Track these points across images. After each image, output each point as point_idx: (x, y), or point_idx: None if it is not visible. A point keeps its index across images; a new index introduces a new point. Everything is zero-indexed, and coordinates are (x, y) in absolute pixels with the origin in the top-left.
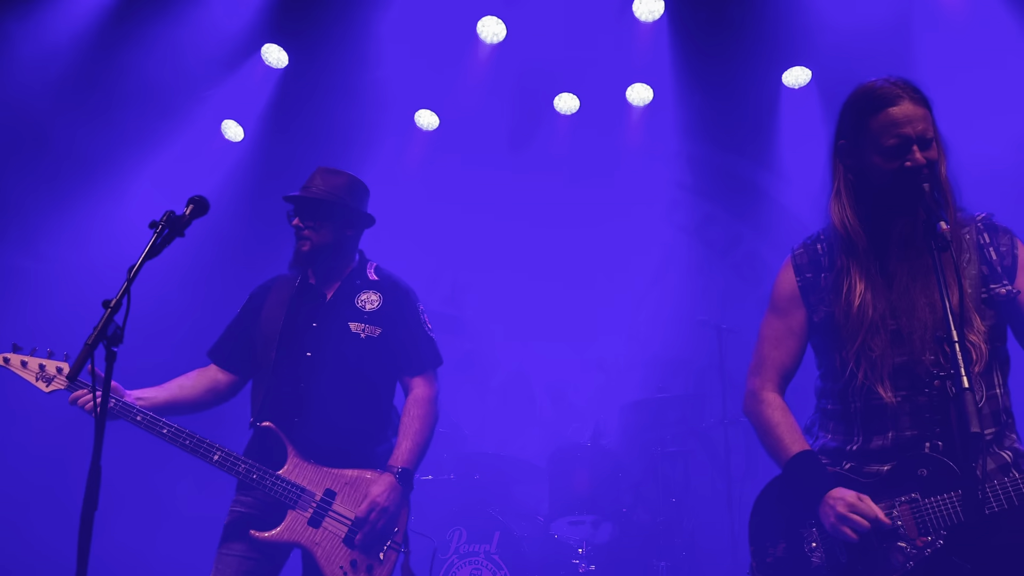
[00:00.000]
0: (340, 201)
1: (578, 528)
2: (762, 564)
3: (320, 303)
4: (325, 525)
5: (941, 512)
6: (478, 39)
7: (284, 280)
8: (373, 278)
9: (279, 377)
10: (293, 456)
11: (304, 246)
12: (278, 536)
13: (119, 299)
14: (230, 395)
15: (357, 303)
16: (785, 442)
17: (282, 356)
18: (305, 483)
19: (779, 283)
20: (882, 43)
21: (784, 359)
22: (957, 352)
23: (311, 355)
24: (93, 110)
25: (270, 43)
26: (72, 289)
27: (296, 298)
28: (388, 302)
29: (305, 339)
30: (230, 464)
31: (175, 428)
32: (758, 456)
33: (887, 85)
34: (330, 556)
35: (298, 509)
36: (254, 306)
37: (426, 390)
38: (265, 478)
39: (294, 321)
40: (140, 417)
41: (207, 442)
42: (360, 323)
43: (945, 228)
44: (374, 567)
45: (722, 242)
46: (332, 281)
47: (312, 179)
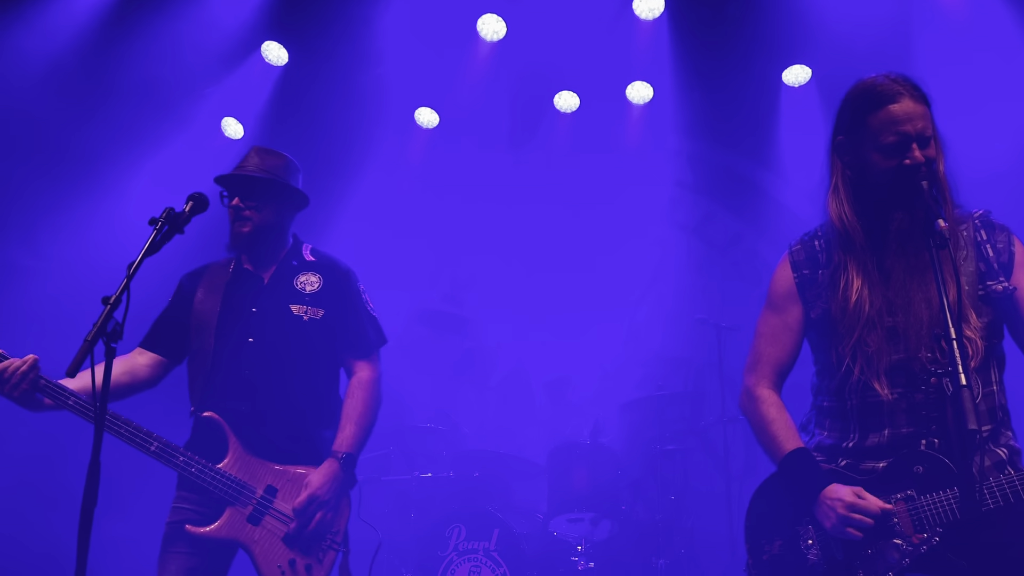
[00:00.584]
0: (281, 180)
1: (577, 526)
2: (758, 562)
3: (258, 287)
4: (264, 523)
5: (937, 509)
6: (478, 37)
7: (216, 266)
8: (310, 259)
9: (220, 364)
10: (235, 449)
11: (244, 227)
12: (215, 533)
13: (119, 295)
14: (154, 379)
15: (296, 285)
16: (780, 439)
17: (222, 343)
18: (246, 478)
19: (776, 280)
20: (882, 41)
21: (780, 356)
22: (955, 349)
23: (253, 340)
24: (93, 107)
25: (270, 40)
26: (72, 286)
27: (232, 283)
28: (328, 283)
29: (245, 324)
30: (168, 455)
31: (111, 415)
32: (757, 454)
33: (887, 82)
34: (268, 555)
35: (237, 505)
36: (185, 293)
37: (369, 372)
38: (204, 472)
39: (231, 306)
40: (72, 400)
41: (144, 431)
42: (302, 305)
43: (943, 226)
44: (312, 567)
45: (722, 240)
46: (268, 264)
47: (247, 159)
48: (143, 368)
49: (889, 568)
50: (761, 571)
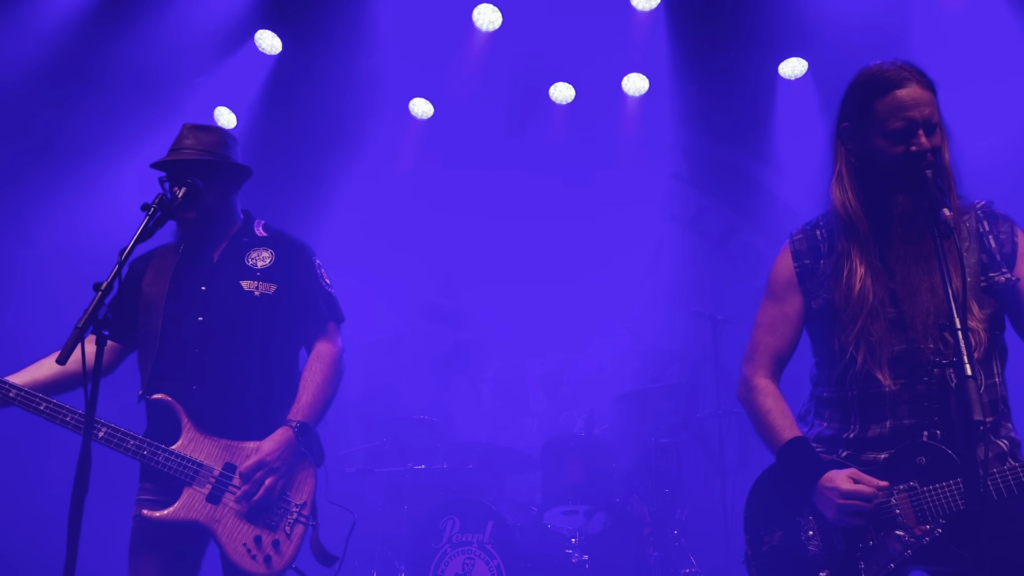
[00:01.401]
0: (220, 158)
1: (571, 518)
2: (757, 553)
3: (207, 265)
4: (225, 501)
5: (940, 500)
6: (473, 27)
7: (165, 248)
8: (262, 234)
9: (168, 345)
10: (189, 429)
11: (189, 213)
12: (173, 515)
13: (110, 282)
14: (108, 365)
15: (248, 261)
16: (777, 429)
17: (170, 323)
18: (202, 457)
19: (776, 269)
20: (879, 34)
21: (779, 345)
22: (960, 340)
23: (203, 319)
24: (85, 95)
25: (264, 29)
26: (64, 275)
27: (181, 264)
28: (281, 258)
29: (194, 303)
30: (117, 440)
31: (54, 404)
32: (751, 447)
33: (894, 68)
34: (232, 533)
35: (195, 486)
36: (134, 276)
37: (327, 346)
38: (157, 454)
39: (180, 286)
40: (13, 393)
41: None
42: (253, 281)
43: (948, 215)
44: (280, 542)
45: (717, 233)
46: (218, 242)
47: (181, 139)
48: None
49: (891, 559)
50: (760, 563)
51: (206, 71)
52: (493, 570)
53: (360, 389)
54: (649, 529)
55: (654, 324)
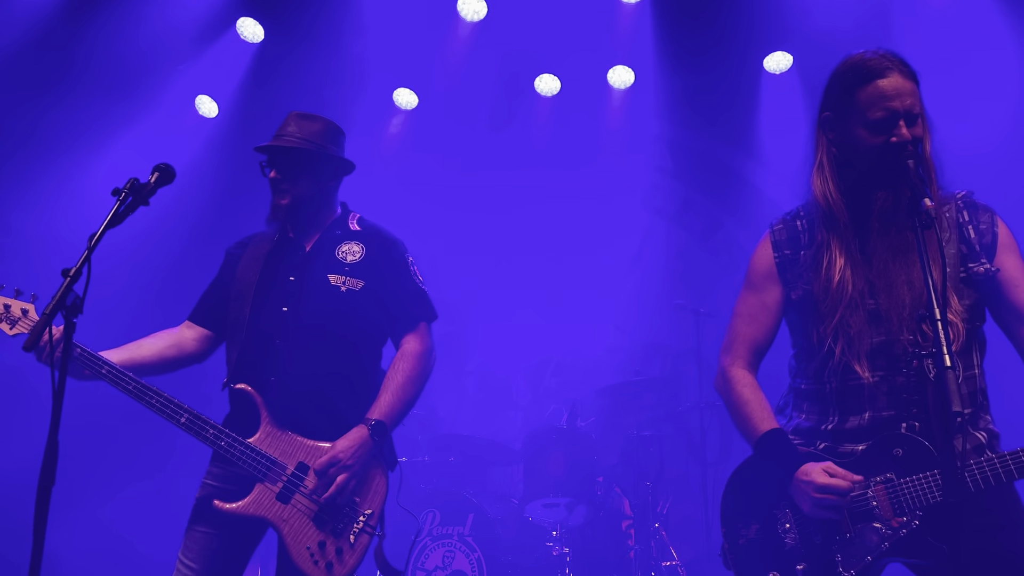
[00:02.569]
0: (319, 149)
1: (552, 511)
2: (734, 546)
3: (299, 255)
4: (295, 501)
5: (917, 492)
6: (458, 17)
7: (262, 236)
8: (355, 228)
9: (253, 334)
10: (267, 424)
11: (283, 199)
12: (243, 509)
13: (79, 268)
14: (202, 352)
15: (338, 254)
16: (755, 420)
17: (257, 313)
18: (277, 454)
19: (756, 259)
20: (863, 28)
21: (757, 336)
22: (940, 330)
23: (287, 310)
24: (66, 84)
25: (245, 17)
26: (43, 263)
27: (273, 252)
28: (371, 253)
29: (282, 293)
30: (198, 428)
31: (141, 384)
32: (733, 440)
33: (877, 57)
34: (297, 535)
35: (267, 482)
36: (230, 263)
37: (415, 345)
38: (234, 446)
39: (270, 275)
40: (106, 370)
41: (175, 402)
42: (340, 275)
43: (930, 205)
44: (344, 550)
45: (701, 227)
46: (312, 233)
47: (285, 126)
48: (190, 342)
49: (868, 552)
50: (737, 556)
51: (187, 59)
52: (473, 563)
53: None
54: (630, 522)
55: (637, 317)
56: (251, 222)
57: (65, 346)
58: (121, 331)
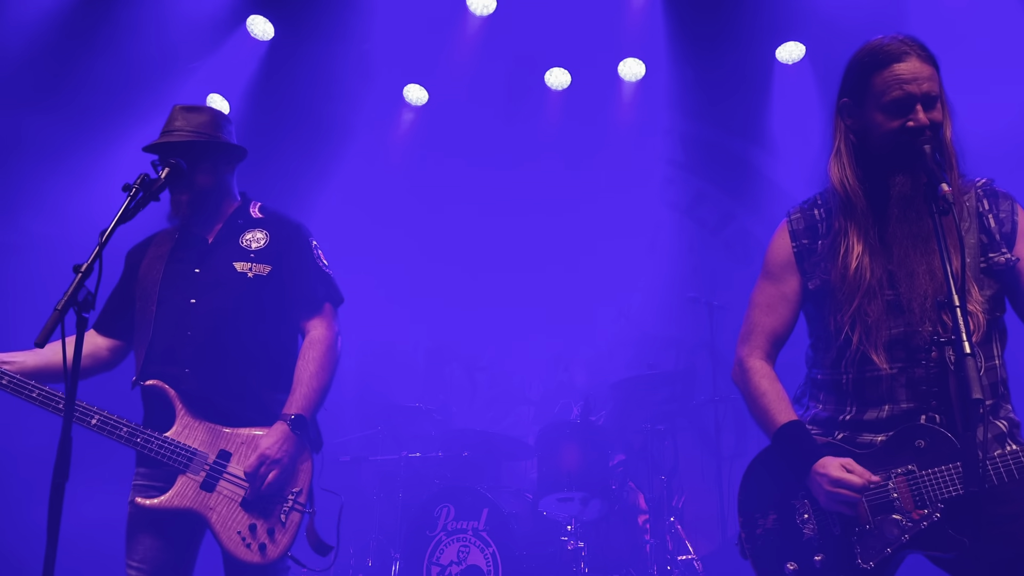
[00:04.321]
0: (211, 139)
1: (567, 505)
2: (751, 536)
3: (201, 247)
4: (220, 488)
5: (938, 484)
6: (468, 12)
7: (163, 234)
8: (257, 216)
9: (162, 330)
10: (183, 415)
11: (183, 195)
12: (167, 503)
13: (90, 264)
14: (114, 360)
15: (242, 243)
16: (772, 412)
17: (164, 308)
18: (196, 444)
19: (773, 248)
20: (876, 17)
21: (775, 326)
22: (959, 317)
23: (195, 302)
24: (76, 84)
25: (256, 15)
26: (56, 263)
27: (176, 247)
28: (276, 238)
29: (188, 286)
30: (110, 428)
31: (45, 392)
32: (748, 434)
33: (895, 42)
34: (226, 521)
35: (189, 473)
36: (131, 266)
37: (323, 330)
38: (151, 441)
39: (175, 270)
40: (6, 380)
41: (83, 404)
42: (246, 262)
43: (947, 190)
44: (275, 531)
45: (714, 220)
46: (213, 224)
47: (172, 121)
48: (103, 351)
49: (888, 544)
50: (755, 545)
51: (198, 58)
52: (488, 557)
53: (355, 377)
54: (645, 516)
55: (650, 311)
56: None
57: (77, 339)
58: None
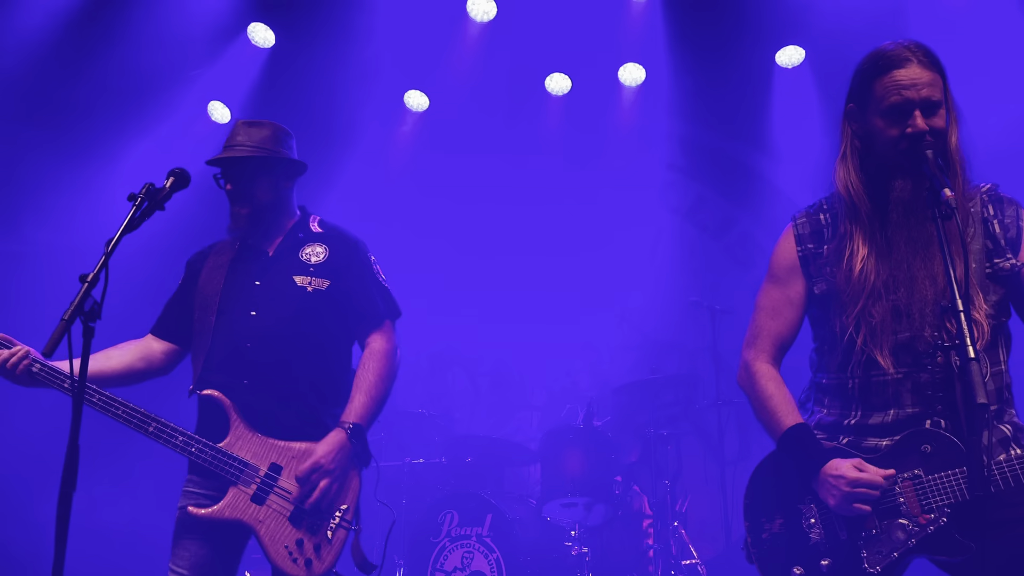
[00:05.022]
0: (272, 154)
1: (571, 510)
2: (757, 540)
3: (262, 260)
4: (269, 502)
5: (945, 489)
6: (468, 18)
7: (223, 244)
8: (317, 230)
9: (220, 340)
10: (237, 426)
11: (243, 209)
12: (217, 513)
13: (96, 273)
14: (169, 366)
15: (301, 256)
16: (779, 415)
17: (224, 318)
18: (249, 456)
19: (778, 252)
20: (876, 20)
21: (781, 330)
22: (963, 322)
23: (255, 314)
24: (78, 92)
25: (257, 22)
26: (59, 272)
27: (236, 259)
28: (335, 253)
29: (248, 298)
30: (167, 436)
31: (107, 396)
32: (751, 438)
33: (897, 48)
34: (274, 535)
35: (240, 485)
36: (191, 274)
37: (382, 343)
38: (204, 451)
39: (235, 281)
40: (68, 383)
41: (141, 412)
42: (306, 276)
43: (950, 195)
44: (321, 547)
45: (715, 224)
46: (273, 237)
47: (234, 136)
48: (158, 355)
49: (894, 548)
50: (761, 549)
51: (199, 65)
52: (492, 563)
53: None
54: (649, 521)
55: (652, 315)
56: None
57: (84, 349)
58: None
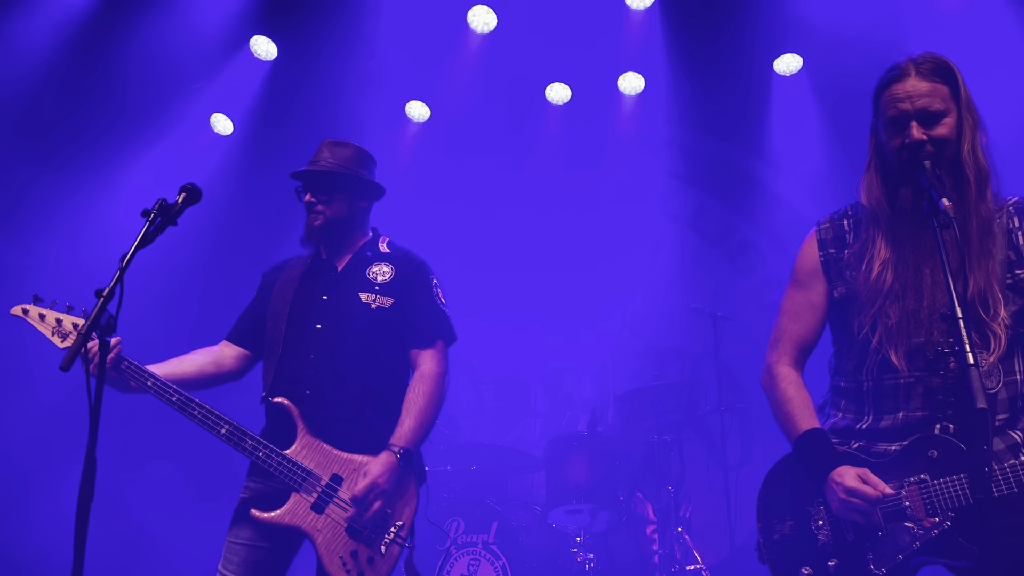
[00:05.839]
0: (351, 173)
1: (576, 517)
2: (769, 541)
3: (331, 275)
4: (328, 512)
5: (949, 493)
6: (469, 29)
7: (297, 259)
8: (385, 251)
9: (290, 351)
10: (303, 435)
11: (316, 220)
12: (279, 518)
13: (112, 288)
14: (240, 370)
15: (368, 275)
16: (795, 418)
17: (292, 330)
18: (312, 465)
19: (801, 256)
20: (873, 29)
21: (803, 333)
22: (961, 329)
23: (321, 327)
24: (82, 107)
25: (259, 35)
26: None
27: (307, 273)
28: (400, 273)
29: (316, 312)
30: (237, 439)
31: (185, 396)
32: (753, 443)
33: (903, 62)
34: (331, 544)
35: (302, 492)
36: (266, 285)
37: (433, 366)
38: (271, 457)
39: (304, 295)
40: (151, 382)
41: (216, 414)
42: (371, 294)
43: (947, 205)
44: (375, 560)
45: (715, 231)
46: (344, 254)
47: (319, 152)
48: (229, 360)
49: (899, 551)
50: (772, 550)
51: (202, 78)
52: (498, 570)
53: None
54: (653, 527)
55: (654, 322)
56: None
57: (99, 364)
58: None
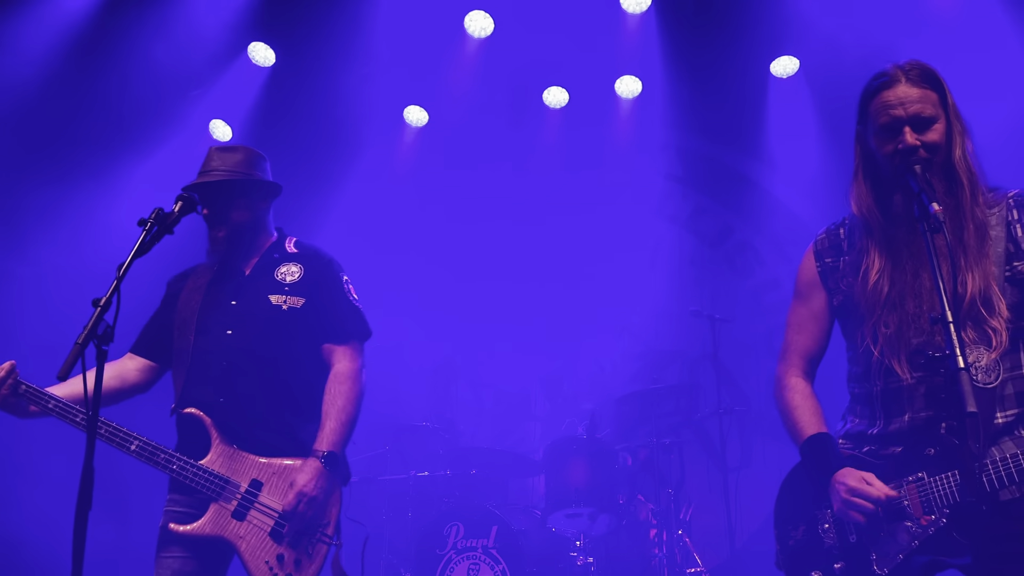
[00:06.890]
0: (246, 177)
1: (575, 521)
2: (785, 548)
3: (238, 280)
4: (250, 518)
5: (943, 491)
6: (466, 34)
7: (202, 266)
8: (292, 251)
9: (200, 360)
10: (217, 444)
11: (220, 232)
12: (198, 530)
13: (109, 297)
14: (146, 383)
15: (277, 276)
16: (801, 425)
17: (202, 339)
18: (229, 473)
19: (801, 269)
20: (869, 31)
21: (808, 344)
22: (952, 333)
23: (232, 333)
24: (81, 114)
25: (257, 41)
26: (64, 293)
27: (214, 280)
28: (309, 272)
29: (224, 317)
30: (149, 454)
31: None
32: (753, 445)
33: (891, 68)
34: (255, 551)
35: (221, 501)
36: (171, 294)
37: (348, 363)
38: (186, 468)
39: (212, 302)
40: (52, 404)
41: (124, 430)
42: (281, 295)
43: (937, 209)
44: (302, 562)
45: (713, 233)
46: (250, 258)
47: (208, 161)
48: (133, 372)
49: (900, 550)
50: (787, 558)
51: (200, 85)
52: (498, 574)
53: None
54: (653, 530)
55: (653, 325)
56: None
57: (98, 373)
58: None
